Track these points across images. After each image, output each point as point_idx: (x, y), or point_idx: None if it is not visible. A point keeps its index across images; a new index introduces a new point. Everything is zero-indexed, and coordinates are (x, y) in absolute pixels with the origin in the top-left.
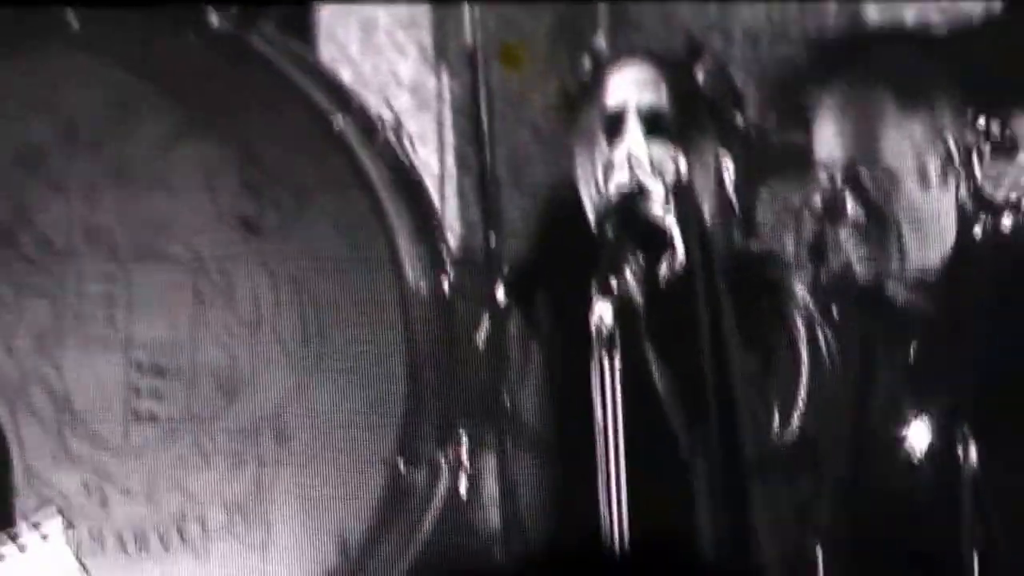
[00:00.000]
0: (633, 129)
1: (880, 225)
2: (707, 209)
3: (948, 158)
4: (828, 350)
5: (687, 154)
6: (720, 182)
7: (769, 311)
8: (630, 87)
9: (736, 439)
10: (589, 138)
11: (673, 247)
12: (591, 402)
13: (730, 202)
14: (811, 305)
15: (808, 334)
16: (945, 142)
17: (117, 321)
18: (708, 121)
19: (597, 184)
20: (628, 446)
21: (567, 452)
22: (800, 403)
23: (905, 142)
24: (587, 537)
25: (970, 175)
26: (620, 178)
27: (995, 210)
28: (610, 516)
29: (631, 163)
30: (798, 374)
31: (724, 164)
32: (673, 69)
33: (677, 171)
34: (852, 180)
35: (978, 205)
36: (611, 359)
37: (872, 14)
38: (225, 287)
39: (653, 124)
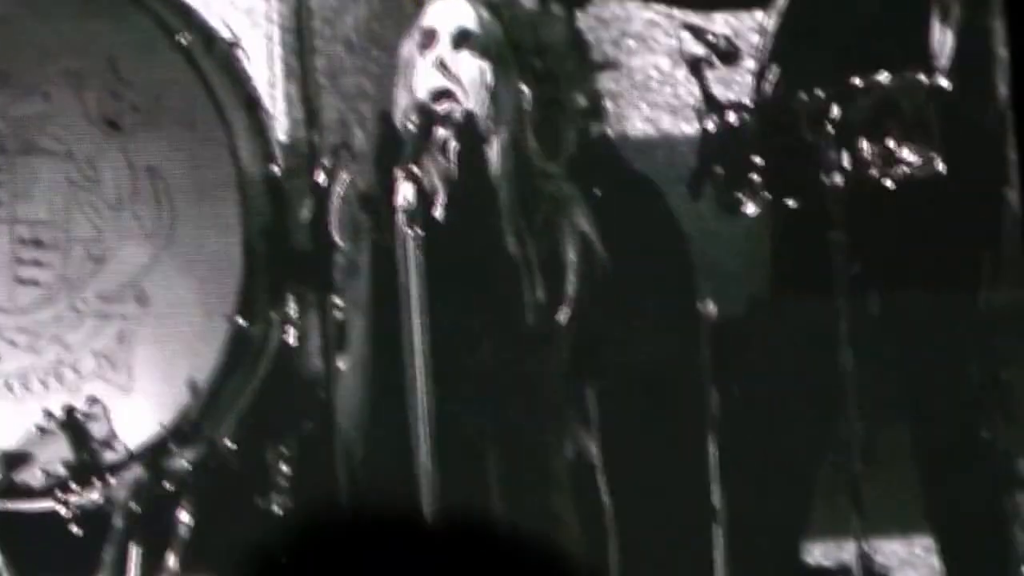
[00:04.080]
0: (444, 41)
1: None
2: (504, 125)
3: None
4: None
5: (492, 71)
6: (519, 109)
7: (548, 215)
8: (446, 12)
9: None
10: (405, 52)
11: (463, 147)
12: (397, 268)
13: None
14: (585, 219)
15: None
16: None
17: (3, 202)
18: (511, 56)
19: (409, 88)
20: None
21: (376, 308)
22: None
23: None
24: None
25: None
26: (428, 81)
27: (723, 110)
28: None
29: (439, 68)
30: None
31: (523, 95)
32: (486, 9)
33: (482, 82)
34: None
35: (710, 106)
36: (414, 231)
37: None
38: (92, 175)
39: (462, 39)
